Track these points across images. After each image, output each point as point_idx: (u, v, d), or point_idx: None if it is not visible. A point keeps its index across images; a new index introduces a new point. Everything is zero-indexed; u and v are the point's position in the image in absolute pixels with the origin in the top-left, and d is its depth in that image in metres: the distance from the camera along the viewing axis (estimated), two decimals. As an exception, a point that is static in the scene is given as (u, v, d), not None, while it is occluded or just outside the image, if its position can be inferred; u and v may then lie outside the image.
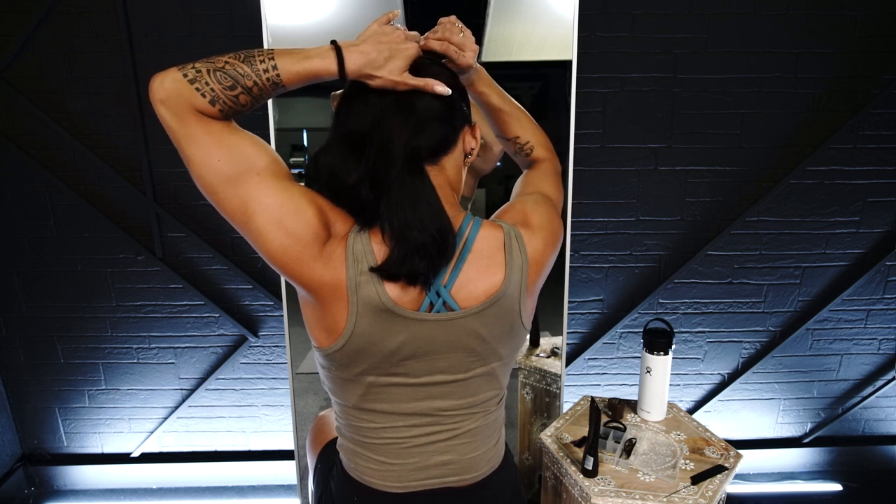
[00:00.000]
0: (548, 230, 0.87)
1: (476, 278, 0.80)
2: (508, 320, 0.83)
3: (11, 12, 1.67)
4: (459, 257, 0.80)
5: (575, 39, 1.58)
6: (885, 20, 1.74)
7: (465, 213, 0.84)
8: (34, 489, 2.14)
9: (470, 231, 0.81)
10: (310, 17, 1.58)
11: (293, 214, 0.72)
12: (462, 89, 0.87)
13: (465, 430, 0.88)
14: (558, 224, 0.90)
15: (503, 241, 0.82)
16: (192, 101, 0.72)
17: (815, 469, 2.18)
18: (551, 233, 0.88)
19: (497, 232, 0.83)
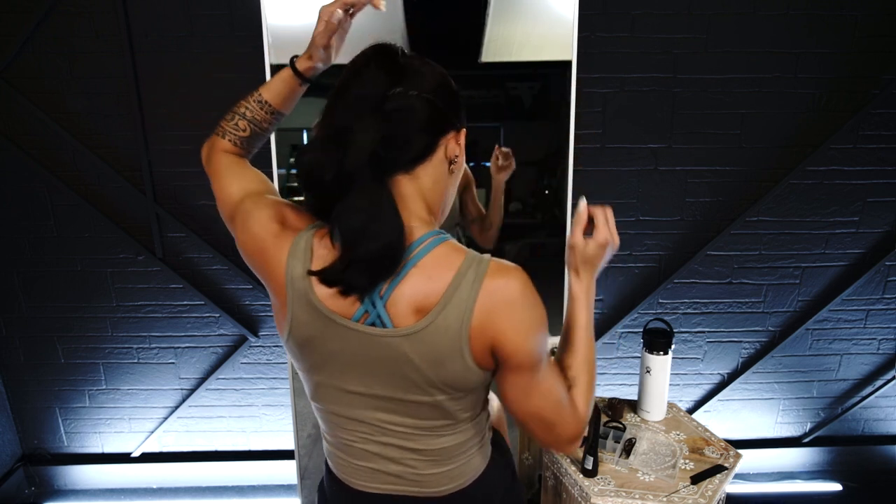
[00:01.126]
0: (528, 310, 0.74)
1: (410, 295, 0.74)
2: (447, 355, 0.74)
3: (11, 12, 1.67)
4: (402, 269, 0.74)
5: (575, 39, 1.58)
6: (885, 20, 1.74)
7: (431, 230, 0.77)
8: (34, 489, 2.14)
9: (424, 246, 0.75)
10: (310, 17, 1.58)
11: (255, 215, 0.80)
12: (449, 90, 0.78)
13: (414, 447, 0.84)
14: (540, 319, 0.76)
15: (458, 266, 0.73)
16: (212, 144, 0.93)
17: (815, 469, 2.19)
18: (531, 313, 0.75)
19: (456, 255, 0.74)
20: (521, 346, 0.74)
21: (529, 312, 0.75)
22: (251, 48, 1.69)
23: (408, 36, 1.55)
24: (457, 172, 0.84)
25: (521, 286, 0.74)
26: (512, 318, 0.73)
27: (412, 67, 0.76)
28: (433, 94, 0.75)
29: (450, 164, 0.81)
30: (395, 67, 0.74)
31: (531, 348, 0.75)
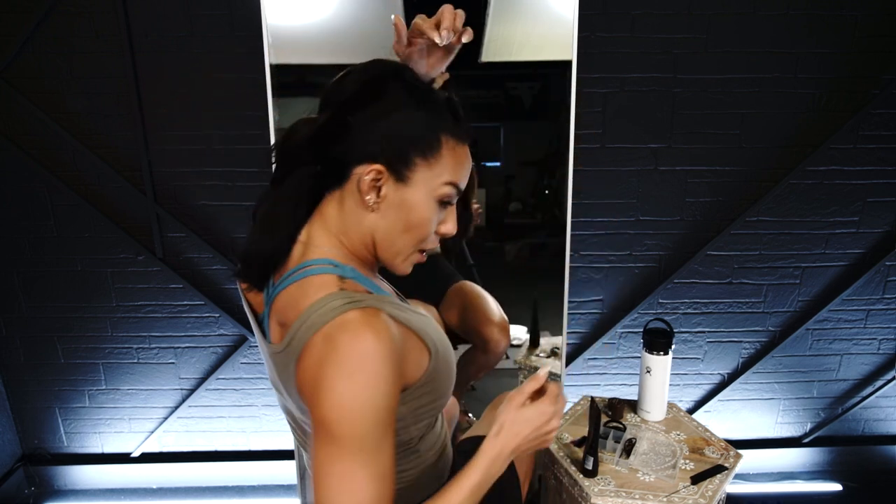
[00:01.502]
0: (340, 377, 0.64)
1: (279, 313, 0.75)
2: (291, 385, 0.72)
3: (11, 12, 1.67)
4: (280, 283, 0.75)
5: (575, 39, 1.58)
6: (885, 20, 1.74)
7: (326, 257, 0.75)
8: (34, 489, 2.14)
9: (304, 271, 0.73)
10: (310, 17, 1.58)
11: None
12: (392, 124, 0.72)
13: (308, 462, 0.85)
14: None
15: (311, 303, 0.70)
16: None
17: (815, 469, 2.18)
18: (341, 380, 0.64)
19: (315, 291, 0.71)
20: (317, 411, 0.65)
21: (340, 380, 0.63)
22: (251, 48, 1.69)
23: (408, 36, 1.55)
24: (385, 214, 0.75)
25: (343, 348, 0.64)
26: (318, 377, 0.65)
27: (375, 91, 0.73)
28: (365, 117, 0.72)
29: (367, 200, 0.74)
30: (366, 86, 0.74)
31: (327, 418, 0.64)
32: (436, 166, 0.75)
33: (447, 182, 0.76)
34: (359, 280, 0.76)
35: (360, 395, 0.63)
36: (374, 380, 0.64)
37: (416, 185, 0.74)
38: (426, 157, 0.74)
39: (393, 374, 0.66)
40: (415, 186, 0.74)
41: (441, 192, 0.76)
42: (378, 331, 0.66)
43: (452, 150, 0.76)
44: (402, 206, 0.75)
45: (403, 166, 0.73)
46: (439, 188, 0.76)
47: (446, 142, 0.75)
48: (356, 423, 0.64)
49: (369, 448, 0.65)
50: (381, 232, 0.77)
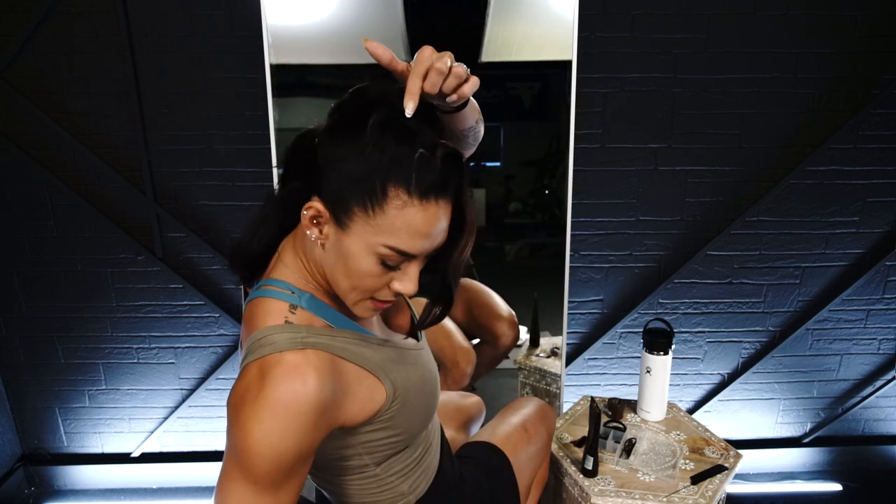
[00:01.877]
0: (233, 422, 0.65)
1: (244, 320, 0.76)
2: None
3: (11, 12, 1.67)
4: (251, 294, 0.76)
5: (575, 39, 1.58)
6: (885, 20, 1.74)
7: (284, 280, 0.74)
8: (34, 489, 2.14)
9: (262, 290, 0.74)
10: (310, 17, 1.58)
11: None
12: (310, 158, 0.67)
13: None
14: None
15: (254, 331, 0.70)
16: None
17: (815, 469, 2.18)
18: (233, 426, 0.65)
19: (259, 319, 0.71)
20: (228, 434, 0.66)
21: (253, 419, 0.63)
22: (251, 48, 1.69)
23: (408, 36, 1.55)
24: (329, 252, 0.70)
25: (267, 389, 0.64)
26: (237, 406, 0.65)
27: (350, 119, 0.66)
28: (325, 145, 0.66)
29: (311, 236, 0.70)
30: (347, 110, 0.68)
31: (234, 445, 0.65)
32: (375, 221, 0.65)
33: (387, 245, 0.66)
34: (315, 310, 0.73)
35: (267, 440, 0.63)
36: (288, 429, 0.63)
37: (354, 234, 0.67)
38: (365, 207, 0.65)
39: (311, 424, 0.65)
40: (352, 236, 0.67)
41: (380, 251, 0.67)
42: (306, 381, 0.64)
43: (402, 209, 0.64)
44: (341, 252, 0.68)
45: (341, 211, 0.66)
46: (377, 247, 0.67)
47: (396, 196, 0.64)
48: (260, 462, 0.63)
49: (267, 484, 0.65)
50: (327, 269, 0.72)
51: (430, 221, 0.67)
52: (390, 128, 0.64)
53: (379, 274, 0.69)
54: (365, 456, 0.82)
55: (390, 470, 0.87)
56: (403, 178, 0.64)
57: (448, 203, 0.69)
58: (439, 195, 0.67)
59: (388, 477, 0.88)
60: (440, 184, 0.66)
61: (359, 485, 0.87)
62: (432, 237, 0.68)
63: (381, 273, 0.69)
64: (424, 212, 0.66)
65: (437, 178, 0.65)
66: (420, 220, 0.66)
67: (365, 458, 0.83)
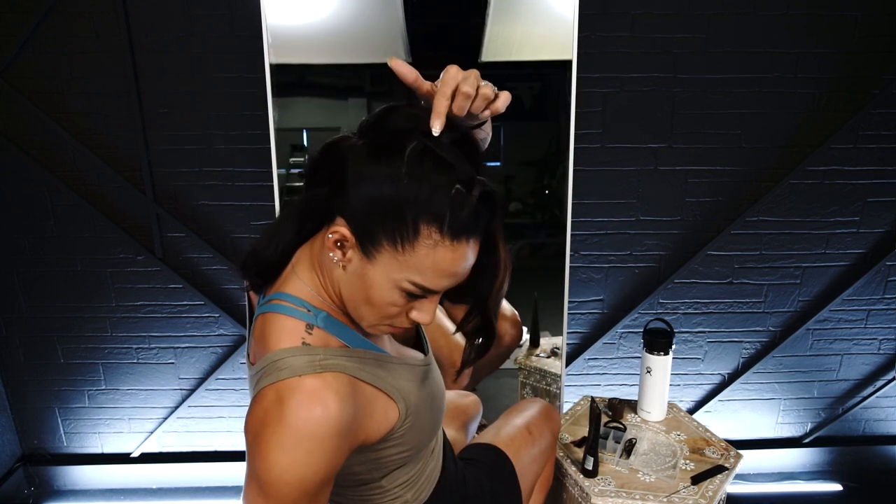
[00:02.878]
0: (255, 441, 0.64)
1: (253, 335, 0.76)
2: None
3: (11, 12, 1.67)
4: (259, 308, 0.76)
5: (575, 39, 1.58)
6: (885, 20, 1.74)
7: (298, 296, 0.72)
8: (34, 489, 2.14)
9: (271, 304, 0.73)
10: (310, 17, 1.58)
11: None
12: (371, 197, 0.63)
13: None
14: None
15: (268, 352, 0.69)
16: None
17: (815, 469, 2.18)
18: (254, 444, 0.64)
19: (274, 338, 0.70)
20: (249, 460, 0.66)
21: (276, 448, 0.62)
22: (251, 48, 1.69)
23: (408, 36, 1.55)
24: (350, 276, 0.68)
25: (288, 417, 0.63)
26: (258, 434, 0.64)
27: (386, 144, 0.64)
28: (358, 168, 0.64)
29: (333, 258, 0.68)
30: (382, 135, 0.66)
31: (256, 472, 0.64)
32: (403, 258, 0.64)
33: (412, 282, 0.66)
34: (331, 329, 0.72)
35: (291, 468, 0.62)
36: (312, 456, 0.63)
37: (379, 266, 0.66)
38: (395, 242, 0.64)
39: (335, 448, 0.65)
40: (378, 267, 0.66)
41: (403, 285, 0.66)
42: (327, 406, 0.63)
43: (433, 248, 0.63)
44: (363, 279, 0.67)
45: (369, 241, 0.65)
46: (402, 282, 0.66)
47: (428, 235, 0.63)
48: (286, 490, 0.63)
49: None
50: (345, 292, 0.71)
51: (458, 262, 0.66)
52: (428, 158, 0.62)
53: (401, 304, 0.69)
54: (373, 471, 0.82)
55: (395, 482, 0.87)
56: (437, 218, 0.62)
57: (477, 241, 0.68)
58: (471, 235, 0.65)
59: (393, 488, 0.87)
60: (473, 224, 0.65)
61: (363, 496, 0.87)
62: (458, 276, 0.68)
63: (403, 304, 0.69)
64: (454, 252, 0.65)
65: (471, 218, 0.64)
66: (449, 260, 0.65)
67: (373, 473, 0.82)
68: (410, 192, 0.61)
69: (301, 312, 0.71)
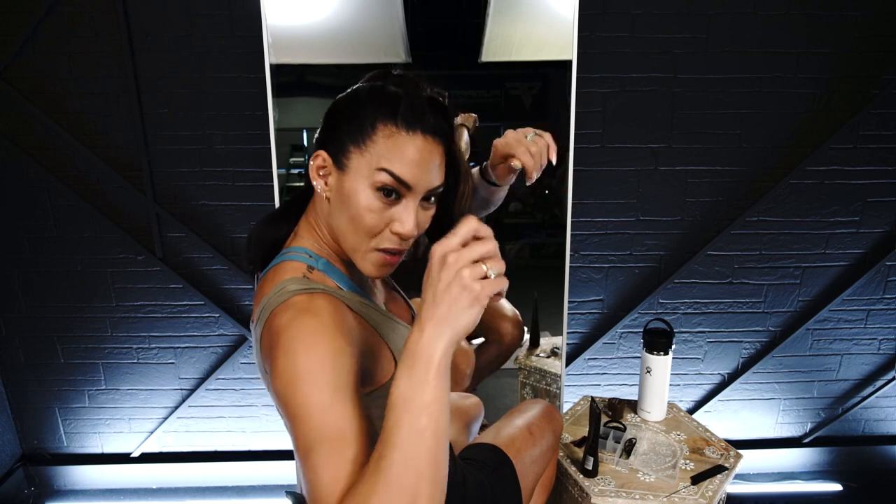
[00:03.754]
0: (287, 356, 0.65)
1: (258, 294, 0.79)
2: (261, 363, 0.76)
3: (11, 12, 1.67)
4: (268, 266, 0.80)
5: (575, 39, 1.58)
6: (885, 20, 1.74)
7: (302, 246, 0.79)
8: (34, 489, 2.14)
9: (280, 256, 0.80)
10: (310, 17, 1.58)
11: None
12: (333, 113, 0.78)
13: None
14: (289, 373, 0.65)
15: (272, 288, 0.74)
16: None
17: (815, 469, 2.18)
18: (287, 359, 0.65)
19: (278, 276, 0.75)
20: (277, 387, 0.66)
21: (286, 358, 0.65)
22: (251, 48, 1.69)
23: (408, 36, 1.55)
24: (335, 204, 0.76)
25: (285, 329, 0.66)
26: (276, 356, 0.66)
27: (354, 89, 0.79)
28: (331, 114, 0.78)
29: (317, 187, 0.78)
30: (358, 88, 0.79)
31: (283, 393, 0.65)
32: (367, 153, 0.73)
33: (379, 168, 0.72)
34: (329, 273, 0.78)
35: (303, 372, 0.63)
36: (315, 350, 0.64)
37: (352, 172, 0.74)
38: (358, 143, 0.74)
39: (339, 346, 0.65)
40: (351, 174, 0.74)
41: (375, 178, 0.73)
42: (316, 312, 0.67)
43: (389, 138, 0.73)
44: (342, 195, 0.75)
45: (340, 153, 0.75)
46: (373, 175, 0.73)
47: (382, 128, 0.73)
48: (305, 397, 0.63)
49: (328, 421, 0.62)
50: (335, 223, 0.77)
51: (419, 152, 0.73)
52: (375, 84, 0.76)
53: (378, 210, 0.74)
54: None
55: None
56: (389, 114, 0.72)
57: (437, 144, 0.75)
58: (426, 131, 0.73)
59: None
60: (423, 117, 0.73)
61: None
62: (423, 168, 0.73)
63: (381, 209, 0.74)
64: (412, 141, 0.72)
65: (420, 111, 0.73)
66: (409, 148, 0.72)
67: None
68: (364, 97, 0.74)
69: (303, 257, 0.78)
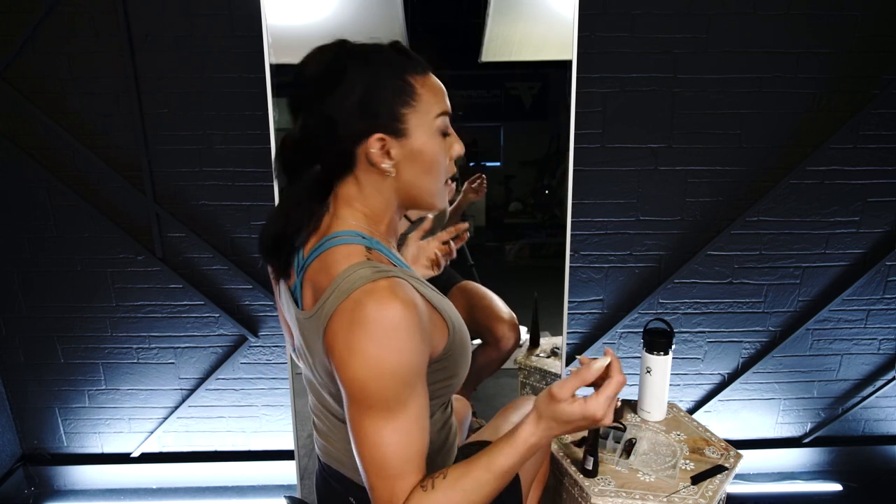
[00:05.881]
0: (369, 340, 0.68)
1: (311, 281, 0.79)
2: (318, 349, 0.76)
3: (11, 12, 1.67)
4: (309, 255, 0.80)
5: (575, 39, 1.58)
6: (885, 20, 1.74)
7: (350, 229, 0.79)
8: (34, 489, 2.14)
9: (331, 241, 0.78)
10: (310, 17, 1.58)
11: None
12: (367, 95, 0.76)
13: (321, 427, 0.92)
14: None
15: (339, 272, 0.74)
16: None
17: (815, 469, 2.18)
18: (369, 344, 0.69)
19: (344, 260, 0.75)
20: (346, 371, 0.69)
21: (377, 347, 0.68)
22: (251, 48, 1.69)
23: (408, 36, 1.55)
24: (403, 171, 0.80)
25: (372, 314, 0.68)
26: (348, 339, 0.69)
27: (335, 72, 0.77)
28: (339, 103, 0.76)
29: (383, 171, 0.79)
30: (323, 77, 0.77)
31: (355, 377, 0.69)
32: (419, 107, 0.78)
33: (438, 114, 0.80)
34: (383, 252, 0.81)
35: (385, 359, 0.68)
36: (400, 344, 0.68)
37: (414, 130, 0.78)
38: (408, 104, 0.78)
39: (418, 340, 0.70)
40: (414, 133, 0.78)
41: (437, 124, 0.80)
42: (405, 300, 0.69)
43: (423, 84, 0.79)
44: (414, 156, 0.79)
45: (394, 122, 0.77)
46: (434, 122, 0.79)
47: (414, 80, 0.78)
48: (382, 384, 0.68)
49: (396, 407, 0.70)
50: (408, 186, 0.81)
51: (438, 82, 0.82)
52: (362, 51, 0.78)
53: (444, 149, 0.82)
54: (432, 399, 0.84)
55: (435, 424, 0.91)
56: (408, 66, 0.78)
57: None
58: (426, 67, 0.82)
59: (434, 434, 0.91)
60: (418, 60, 0.81)
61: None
62: (447, 94, 0.83)
63: (444, 146, 0.82)
64: (433, 78, 0.81)
65: (415, 56, 0.81)
66: (437, 84, 0.81)
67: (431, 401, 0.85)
68: (380, 70, 0.77)
69: (357, 239, 0.79)
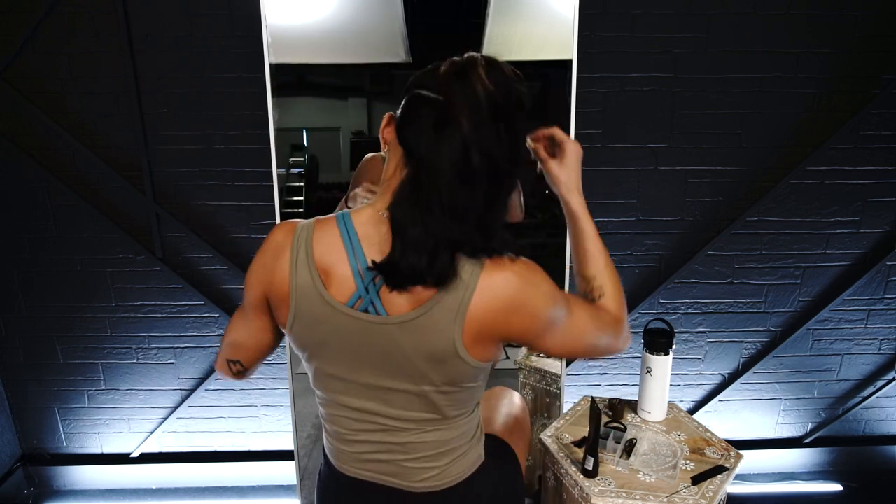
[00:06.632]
0: (525, 306, 0.77)
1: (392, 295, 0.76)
2: (437, 345, 0.76)
3: (11, 12, 1.67)
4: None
5: (575, 39, 1.58)
6: (885, 20, 1.74)
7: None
8: (34, 489, 2.13)
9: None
10: (310, 17, 1.58)
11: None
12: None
13: (399, 441, 0.86)
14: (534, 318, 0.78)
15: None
16: None
17: (816, 469, 2.18)
18: (524, 309, 0.77)
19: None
20: (535, 328, 0.78)
21: (535, 299, 0.77)
22: (251, 48, 1.69)
23: (408, 35, 1.55)
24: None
25: (518, 278, 0.76)
26: (519, 311, 0.76)
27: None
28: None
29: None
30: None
31: (548, 318, 0.79)
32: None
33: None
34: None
35: (549, 292, 0.80)
36: (542, 279, 0.81)
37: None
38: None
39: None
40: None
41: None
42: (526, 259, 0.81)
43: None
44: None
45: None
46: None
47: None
48: (559, 301, 0.81)
49: (566, 301, 0.84)
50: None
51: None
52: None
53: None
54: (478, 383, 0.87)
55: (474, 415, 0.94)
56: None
57: None
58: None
59: (474, 420, 0.94)
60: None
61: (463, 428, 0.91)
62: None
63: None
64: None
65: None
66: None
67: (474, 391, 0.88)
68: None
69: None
